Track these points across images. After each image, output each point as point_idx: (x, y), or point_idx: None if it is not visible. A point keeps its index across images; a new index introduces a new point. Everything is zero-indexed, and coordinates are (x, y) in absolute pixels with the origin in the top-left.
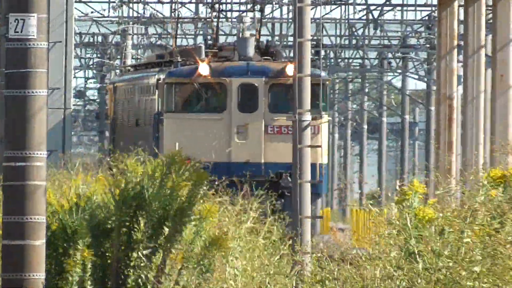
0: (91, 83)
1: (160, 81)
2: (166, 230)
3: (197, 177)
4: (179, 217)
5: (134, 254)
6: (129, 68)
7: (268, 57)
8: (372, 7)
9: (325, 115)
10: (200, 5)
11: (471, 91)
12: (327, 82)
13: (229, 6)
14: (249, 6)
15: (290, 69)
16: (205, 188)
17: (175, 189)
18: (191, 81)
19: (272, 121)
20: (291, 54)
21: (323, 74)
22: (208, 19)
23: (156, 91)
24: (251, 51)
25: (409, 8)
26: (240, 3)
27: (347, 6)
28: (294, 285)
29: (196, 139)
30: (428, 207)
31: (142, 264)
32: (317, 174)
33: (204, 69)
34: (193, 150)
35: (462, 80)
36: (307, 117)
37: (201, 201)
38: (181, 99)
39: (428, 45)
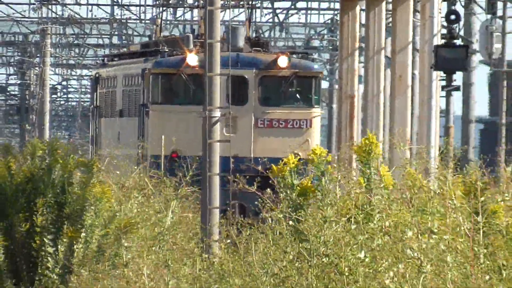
0: (12, 79)
1: (146, 71)
2: (64, 217)
3: (84, 165)
4: (76, 201)
5: (38, 240)
6: (113, 57)
7: (258, 48)
8: (278, 11)
9: (318, 108)
10: None
11: (371, 91)
12: (320, 75)
13: None
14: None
15: (282, 61)
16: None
17: (65, 175)
18: (179, 72)
19: (262, 115)
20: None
21: (315, 66)
22: (196, 7)
23: (142, 81)
24: (241, 41)
25: (313, 11)
26: None
27: (254, 9)
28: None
29: (183, 132)
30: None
31: (48, 249)
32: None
33: (192, 59)
34: (179, 144)
35: (363, 80)
36: (216, 113)
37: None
38: (168, 90)
39: (331, 47)
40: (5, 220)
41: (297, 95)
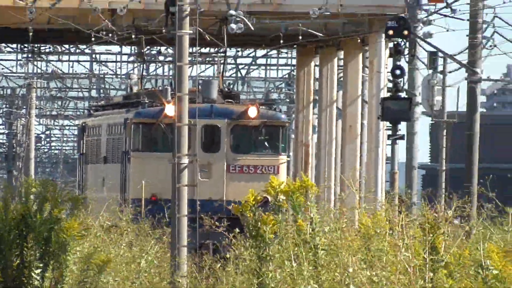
0: (0, 129)
1: (128, 121)
2: (51, 250)
3: (72, 200)
4: (61, 238)
5: (26, 272)
6: (98, 108)
7: (230, 100)
8: (240, 66)
9: (284, 156)
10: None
11: (324, 139)
12: (287, 125)
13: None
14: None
15: (252, 112)
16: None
17: (53, 213)
18: (158, 122)
19: (234, 161)
20: None
21: (283, 116)
22: (169, 62)
23: (124, 130)
24: (214, 93)
25: (272, 67)
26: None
27: (225, 65)
28: None
29: (161, 177)
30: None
31: (36, 283)
32: None
33: (170, 110)
34: (158, 187)
35: (316, 129)
36: (185, 160)
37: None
38: (147, 138)
39: (288, 100)
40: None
41: (266, 143)
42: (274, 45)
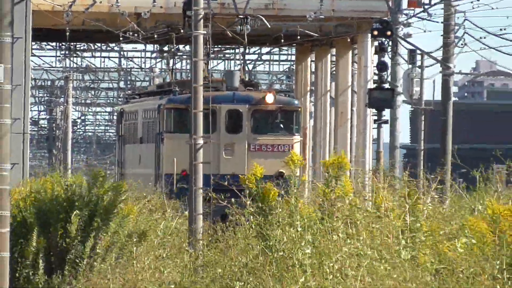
0: (42, 115)
1: (161, 106)
2: (95, 224)
3: (115, 188)
4: (105, 214)
5: (69, 241)
6: (134, 96)
7: (250, 88)
8: (248, 61)
9: (298, 136)
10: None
11: (319, 124)
12: (299, 109)
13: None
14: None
15: (269, 98)
16: (124, 194)
17: (99, 195)
18: (187, 107)
19: (254, 141)
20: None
21: (296, 102)
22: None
23: (158, 114)
24: (236, 82)
25: (275, 62)
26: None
27: (229, 60)
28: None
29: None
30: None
31: (78, 248)
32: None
33: None
34: (188, 163)
35: (313, 115)
36: (200, 141)
37: (121, 204)
38: (178, 121)
39: (288, 90)
40: (47, 227)
41: (281, 125)
42: (276, 43)
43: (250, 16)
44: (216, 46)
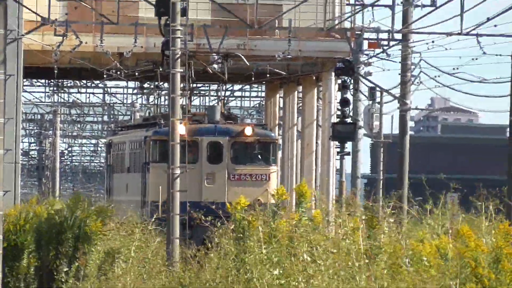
0: (32, 146)
1: (147, 138)
2: (80, 246)
3: (99, 211)
4: (86, 237)
5: (57, 262)
6: (121, 128)
7: (230, 121)
8: (221, 97)
9: (274, 166)
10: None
11: (287, 155)
12: (276, 141)
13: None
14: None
15: (248, 130)
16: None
17: (83, 219)
18: None
19: (233, 171)
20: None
21: (273, 135)
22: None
23: (144, 145)
24: (217, 116)
25: (246, 98)
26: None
27: (204, 97)
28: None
29: None
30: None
31: (65, 269)
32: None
33: (182, 129)
34: None
35: (281, 147)
36: (177, 171)
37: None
38: (163, 152)
39: (265, 123)
40: (39, 248)
41: (259, 156)
42: (247, 81)
43: (230, 55)
44: (194, 83)
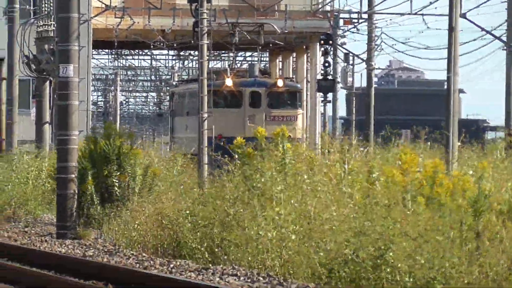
0: (99, 98)
1: None
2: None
3: (129, 136)
4: (124, 157)
5: (110, 180)
6: (181, 82)
7: (266, 75)
8: (237, 62)
9: (300, 110)
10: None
11: None
12: (301, 91)
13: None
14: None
15: (279, 82)
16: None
17: (115, 145)
18: (221, 89)
19: (269, 113)
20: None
21: (298, 86)
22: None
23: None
24: (256, 72)
25: (254, 62)
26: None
27: (222, 61)
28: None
29: (225, 124)
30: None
31: (116, 183)
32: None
33: (229, 82)
34: (223, 130)
35: None
36: (205, 115)
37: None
38: (215, 99)
39: (292, 77)
40: (94, 169)
41: (288, 102)
42: (255, 50)
43: (239, 24)
44: (216, 52)
